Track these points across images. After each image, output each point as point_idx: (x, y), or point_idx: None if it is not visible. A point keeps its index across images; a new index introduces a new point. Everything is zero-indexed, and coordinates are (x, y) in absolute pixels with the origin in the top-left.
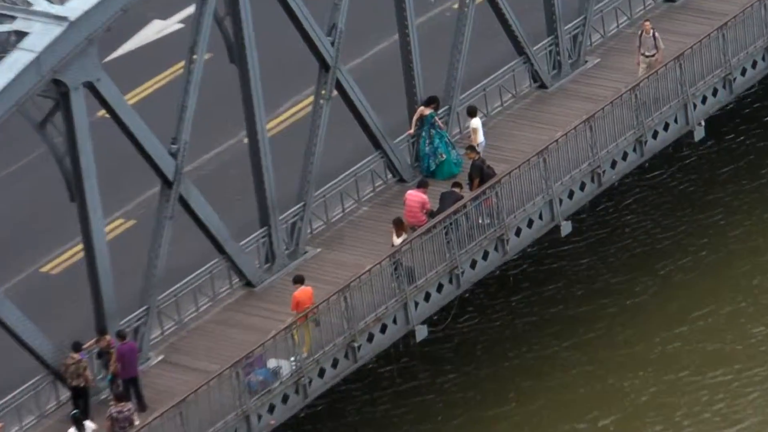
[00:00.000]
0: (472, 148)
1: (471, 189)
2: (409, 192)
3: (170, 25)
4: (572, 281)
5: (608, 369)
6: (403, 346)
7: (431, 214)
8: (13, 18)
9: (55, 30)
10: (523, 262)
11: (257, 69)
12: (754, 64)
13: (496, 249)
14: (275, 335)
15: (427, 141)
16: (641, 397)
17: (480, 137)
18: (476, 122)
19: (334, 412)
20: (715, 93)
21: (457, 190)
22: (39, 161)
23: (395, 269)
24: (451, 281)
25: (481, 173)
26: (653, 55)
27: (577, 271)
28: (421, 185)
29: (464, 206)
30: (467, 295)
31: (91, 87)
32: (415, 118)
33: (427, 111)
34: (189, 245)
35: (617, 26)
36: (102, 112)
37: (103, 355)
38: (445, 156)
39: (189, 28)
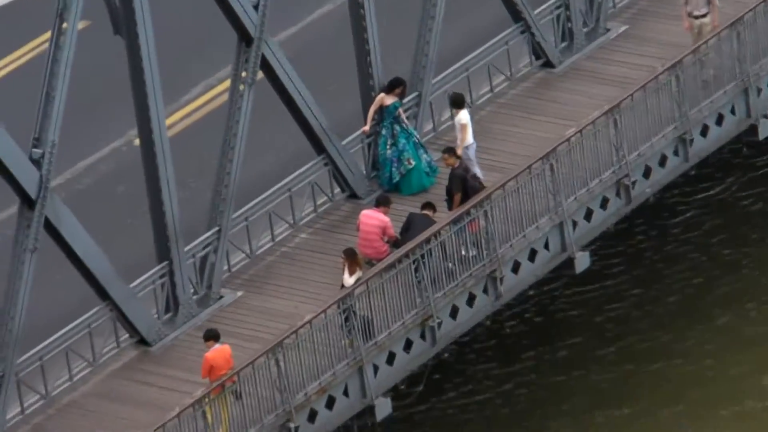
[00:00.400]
0: (451, 151)
1: (450, 208)
2: (365, 212)
3: None
4: (593, 337)
5: None
6: (357, 429)
7: (395, 244)
8: None
9: None
10: (523, 310)
11: (152, 42)
12: None
13: (485, 291)
14: (180, 413)
15: (389, 141)
16: None
17: (469, 137)
18: (464, 116)
19: None
20: None
21: (429, 213)
22: None
23: (346, 320)
24: (423, 336)
25: (463, 186)
26: (704, 15)
27: (599, 324)
28: (381, 203)
29: (440, 232)
30: (446, 355)
31: None
32: (372, 109)
33: (390, 100)
34: (59, 288)
35: None
36: None
37: None
38: (413, 162)
39: None
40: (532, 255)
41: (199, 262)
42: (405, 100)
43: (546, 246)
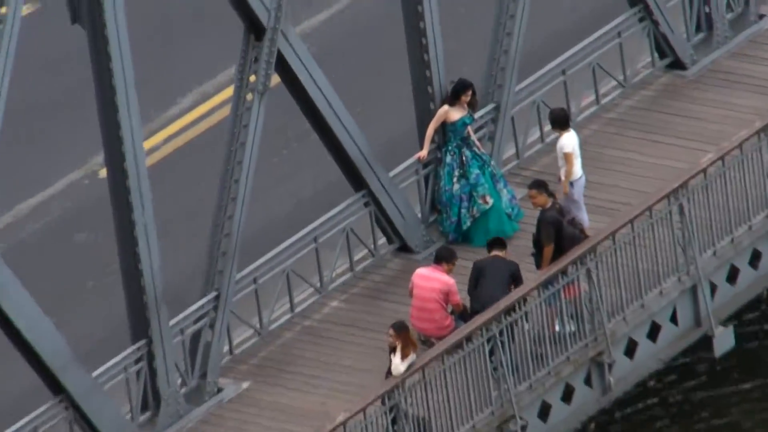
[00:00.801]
0: (541, 186)
1: (539, 266)
2: (420, 272)
3: None
4: None
5: None
6: None
7: (462, 315)
8: None
9: None
10: (644, 405)
11: (124, 34)
12: None
13: (588, 382)
14: None
15: (456, 172)
16: None
17: (577, 170)
18: (569, 140)
19: None
20: None
21: (500, 254)
22: None
23: (394, 422)
24: None
25: (558, 235)
26: None
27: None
28: (443, 259)
29: (525, 298)
30: None
31: None
32: (431, 128)
33: (456, 114)
34: None
35: None
36: None
37: None
38: (490, 201)
39: None
40: (654, 331)
41: (190, 340)
42: (477, 115)
43: (673, 319)
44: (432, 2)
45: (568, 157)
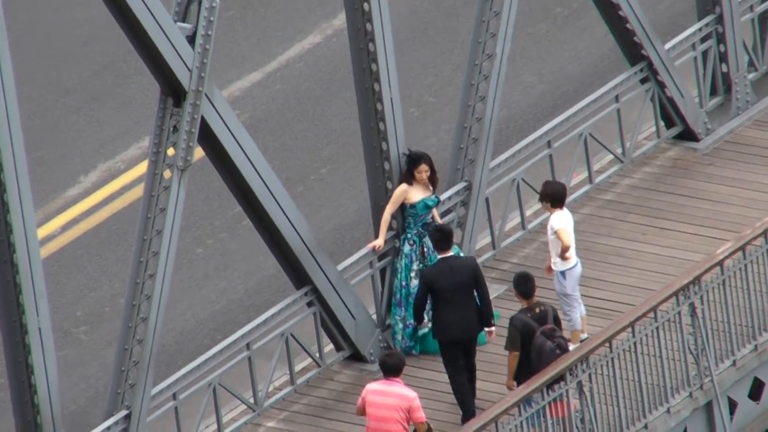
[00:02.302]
0: (523, 281)
1: (509, 382)
2: (373, 388)
3: None
4: None
5: None
6: None
7: None
8: None
9: None
10: None
11: (11, 89)
12: None
13: None
14: None
15: (415, 264)
16: None
17: (572, 256)
18: (560, 219)
19: None
20: None
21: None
22: None
23: None
24: None
25: (524, 343)
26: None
27: None
28: (393, 370)
29: (496, 421)
30: None
31: None
32: (388, 211)
33: (418, 195)
34: None
35: None
36: None
37: None
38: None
39: None
40: None
41: None
42: (446, 195)
43: None
44: (389, 60)
45: (561, 234)
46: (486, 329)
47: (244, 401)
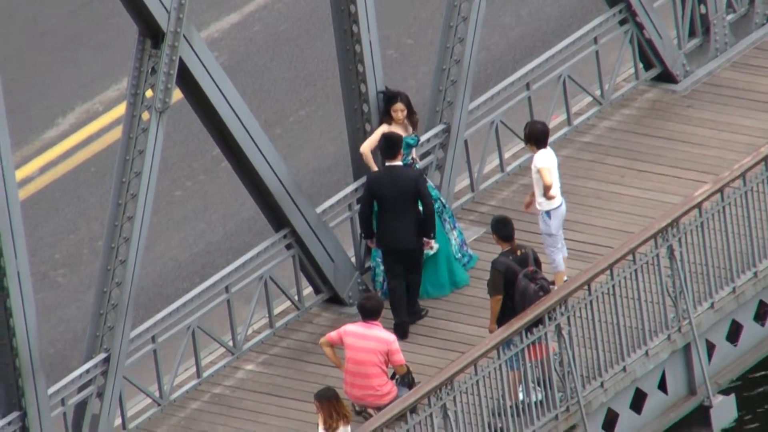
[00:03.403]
0: (503, 225)
1: (491, 325)
2: (351, 329)
3: None
4: None
5: None
6: None
7: (405, 380)
8: None
9: None
10: None
11: None
12: None
13: None
14: None
15: None
16: None
17: (556, 196)
18: (544, 158)
19: None
20: None
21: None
22: None
23: None
24: None
25: (510, 285)
26: None
27: None
28: (372, 313)
29: (476, 362)
30: None
31: None
32: (366, 147)
33: (397, 132)
34: None
35: None
36: None
37: None
38: (436, 245)
39: None
40: (639, 400)
41: (74, 412)
42: (425, 137)
43: (662, 386)
44: (367, 1)
45: (543, 173)
46: (425, 239)
47: (223, 344)
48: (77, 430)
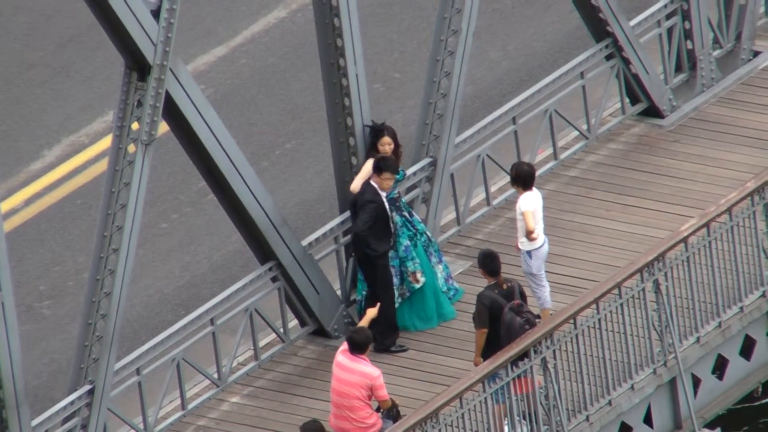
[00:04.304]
0: (490, 260)
1: (476, 359)
2: (339, 360)
3: None
4: None
5: None
6: None
7: (390, 413)
8: None
9: None
10: None
11: None
12: None
13: None
14: None
15: None
16: None
17: (539, 235)
18: (528, 201)
19: None
20: None
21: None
22: None
23: None
24: None
25: (491, 319)
26: None
27: None
28: (360, 347)
29: (462, 396)
30: None
31: None
32: (357, 183)
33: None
34: None
35: None
36: None
37: None
38: (422, 279)
39: None
40: None
41: None
42: (411, 171)
43: (647, 420)
44: (354, 35)
45: (527, 217)
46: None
47: (207, 376)
48: None
